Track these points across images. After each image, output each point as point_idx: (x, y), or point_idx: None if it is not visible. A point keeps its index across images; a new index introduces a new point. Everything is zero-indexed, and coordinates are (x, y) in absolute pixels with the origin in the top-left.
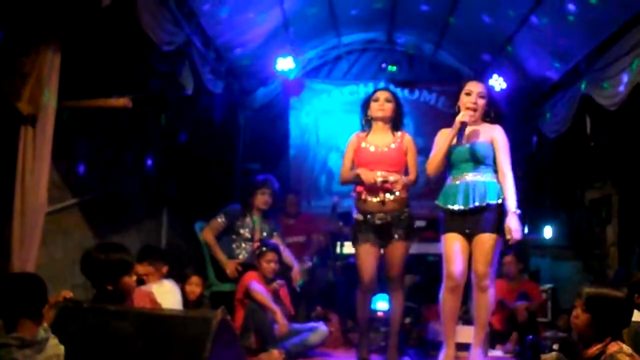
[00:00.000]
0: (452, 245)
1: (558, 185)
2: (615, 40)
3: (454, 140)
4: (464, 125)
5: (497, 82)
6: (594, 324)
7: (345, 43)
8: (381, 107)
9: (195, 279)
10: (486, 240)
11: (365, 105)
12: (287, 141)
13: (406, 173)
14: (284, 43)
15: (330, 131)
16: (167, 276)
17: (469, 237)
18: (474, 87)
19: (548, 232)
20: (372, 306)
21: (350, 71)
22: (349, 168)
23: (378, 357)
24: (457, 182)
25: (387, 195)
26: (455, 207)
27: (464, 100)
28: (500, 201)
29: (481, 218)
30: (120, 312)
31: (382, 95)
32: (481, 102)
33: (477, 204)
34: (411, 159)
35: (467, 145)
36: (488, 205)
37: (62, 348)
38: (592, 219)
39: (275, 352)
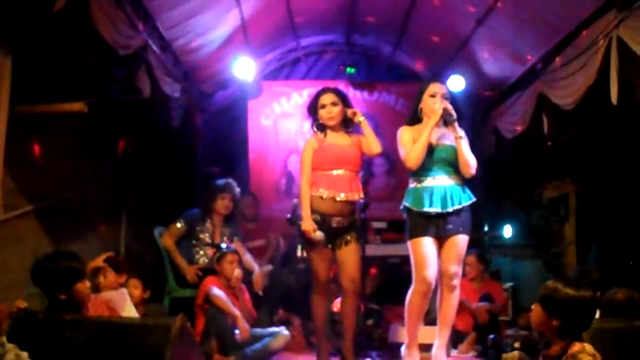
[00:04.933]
0: (426, 250)
1: (517, 184)
2: (570, 40)
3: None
4: (445, 113)
5: (455, 83)
6: (549, 321)
7: (304, 45)
8: (329, 113)
9: (133, 282)
10: (460, 241)
11: (313, 110)
12: (247, 144)
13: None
14: (242, 46)
15: (289, 134)
16: None
17: (440, 239)
18: (437, 89)
19: (508, 231)
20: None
21: (309, 73)
22: (309, 172)
23: None
24: (430, 185)
25: (342, 194)
26: (432, 210)
27: (428, 102)
28: (471, 202)
29: (457, 220)
30: (76, 322)
31: (327, 100)
32: (444, 104)
33: (456, 207)
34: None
35: (439, 147)
36: (463, 208)
37: (24, 356)
38: (550, 217)
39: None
